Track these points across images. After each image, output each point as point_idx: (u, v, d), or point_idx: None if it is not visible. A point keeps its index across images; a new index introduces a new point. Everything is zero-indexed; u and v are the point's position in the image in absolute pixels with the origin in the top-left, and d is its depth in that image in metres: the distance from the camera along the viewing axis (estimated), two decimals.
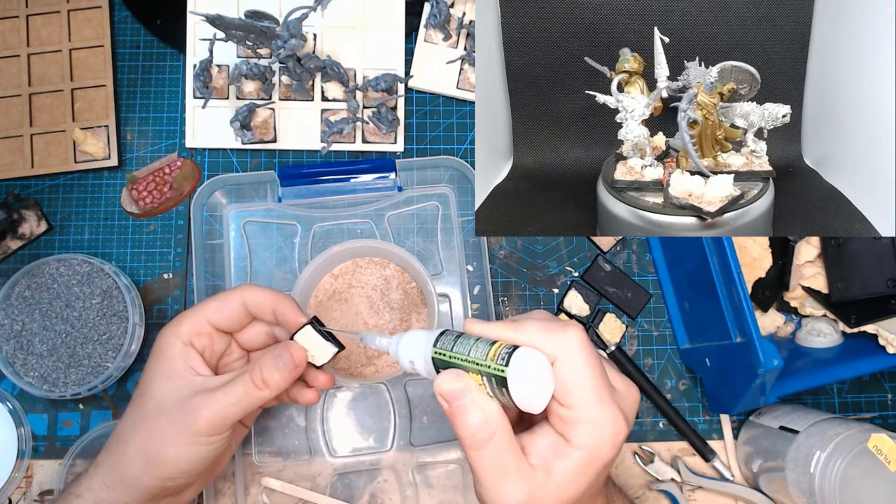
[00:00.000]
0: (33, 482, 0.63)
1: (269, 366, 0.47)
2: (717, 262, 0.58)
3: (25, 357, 0.61)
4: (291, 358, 0.48)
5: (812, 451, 0.54)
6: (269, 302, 0.51)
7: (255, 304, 0.51)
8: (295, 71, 0.65)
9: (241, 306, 0.51)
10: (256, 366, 0.47)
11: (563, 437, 0.39)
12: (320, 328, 0.50)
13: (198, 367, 0.49)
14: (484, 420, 0.39)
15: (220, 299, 0.51)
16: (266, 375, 0.47)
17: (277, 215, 0.66)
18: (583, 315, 0.67)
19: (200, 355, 0.50)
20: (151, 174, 0.67)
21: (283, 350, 0.48)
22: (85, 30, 0.70)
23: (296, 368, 0.48)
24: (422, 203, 0.67)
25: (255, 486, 0.62)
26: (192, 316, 0.50)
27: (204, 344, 0.50)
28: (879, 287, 0.60)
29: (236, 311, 0.51)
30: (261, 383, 0.47)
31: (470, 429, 0.39)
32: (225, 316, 0.51)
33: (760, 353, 0.53)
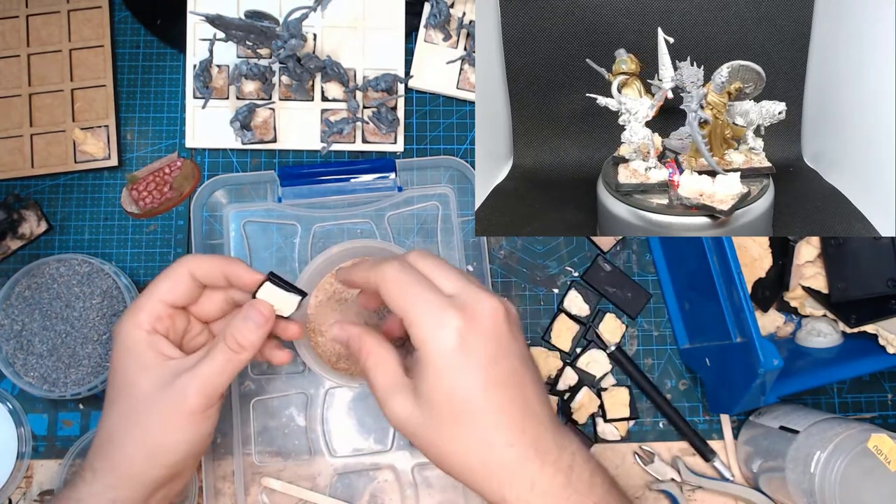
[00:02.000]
0: (33, 482, 0.63)
1: (239, 328, 0.48)
2: (717, 262, 0.58)
3: (25, 357, 0.61)
4: (260, 314, 0.49)
5: (812, 451, 0.54)
6: (218, 267, 0.51)
7: (204, 273, 0.51)
8: (295, 71, 0.65)
9: (190, 278, 0.51)
10: (228, 331, 0.48)
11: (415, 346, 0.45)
12: (279, 281, 0.50)
13: (167, 351, 0.49)
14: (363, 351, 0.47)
15: (168, 277, 0.51)
16: (239, 337, 0.48)
17: (277, 215, 0.66)
18: (583, 315, 0.67)
19: (166, 338, 0.50)
20: (151, 174, 0.67)
21: (250, 308, 0.49)
22: (85, 30, 0.70)
23: (266, 323, 0.49)
24: (422, 203, 0.67)
25: (255, 486, 0.62)
26: (146, 302, 0.50)
27: (167, 326, 0.50)
28: (879, 287, 0.60)
29: (187, 285, 0.51)
30: (236, 346, 0.48)
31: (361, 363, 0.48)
32: (179, 293, 0.50)
33: (760, 353, 0.53)
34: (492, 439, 0.43)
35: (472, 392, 0.43)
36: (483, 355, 0.43)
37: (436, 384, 0.43)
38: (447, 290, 0.46)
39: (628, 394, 0.64)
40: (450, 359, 0.43)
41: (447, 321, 0.43)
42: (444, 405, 0.43)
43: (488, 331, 0.44)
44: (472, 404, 0.43)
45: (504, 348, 0.44)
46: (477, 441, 0.43)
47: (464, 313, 0.44)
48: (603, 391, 0.65)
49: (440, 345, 0.43)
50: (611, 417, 0.64)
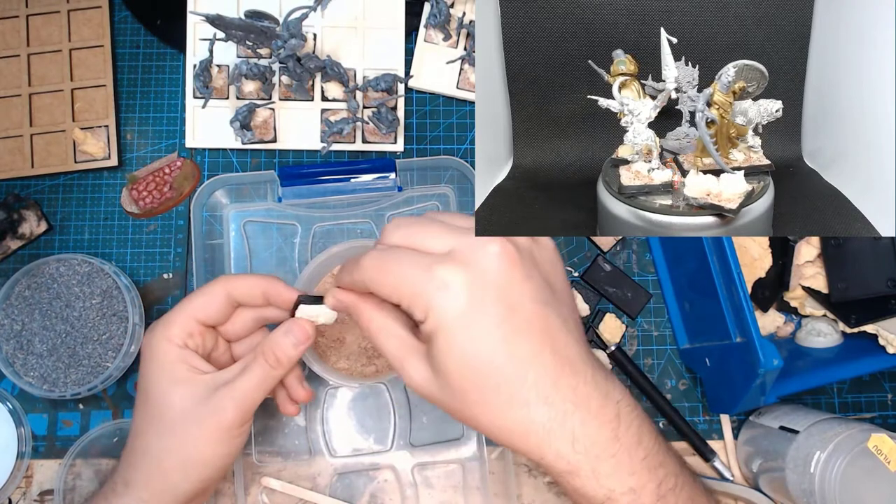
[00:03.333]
0: (33, 482, 0.63)
1: (280, 343, 0.48)
2: (717, 262, 0.58)
3: (25, 357, 0.61)
4: (302, 330, 0.49)
5: (812, 451, 0.54)
6: (258, 286, 0.51)
7: (243, 292, 0.51)
8: (295, 71, 0.65)
9: (226, 297, 0.51)
10: (267, 346, 0.48)
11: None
12: (310, 299, 0.50)
13: (200, 365, 0.49)
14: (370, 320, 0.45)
15: (205, 294, 0.50)
16: (279, 352, 0.48)
17: (277, 215, 0.66)
18: (583, 315, 0.67)
19: (196, 354, 0.50)
20: (151, 174, 0.67)
21: (292, 324, 0.49)
22: (85, 30, 0.70)
23: (307, 340, 0.49)
24: (422, 203, 0.67)
25: (255, 486, 0.62)
26: (180, 316, 0.50)
27: (197, 343, 0.50)
28: (879, 287, 0.60)
29: (222, 304, 0.51)
30: (274, 362, 0.48)
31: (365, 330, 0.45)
32: (213, 311, 0.50)
33: (760, 353, 0.53)
34: (522, 397, 0.39)
35: (491, 352, 0.39)
36: (496, 309, 0.39)
37: (449, 352, 0.39)
38: (439, 248, 0.41)
39: None
40: (460, 321, 0.39)
41: (447, 280, 0.39)
42: (464, 371, 0.39)
43: (498, 279, 0.39)
44: (493, 365, 0.39)
45: (519, 293, 0.39)
46: (505, 402, 0.39)
47: (465, 266, 0.39)
48: None
49: (446, 308, 0.39)
50: None
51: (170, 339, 0.49)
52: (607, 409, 0.40)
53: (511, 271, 0.39)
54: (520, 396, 0.39)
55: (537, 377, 0.39)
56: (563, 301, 0.42)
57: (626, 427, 0.39)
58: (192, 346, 0.50)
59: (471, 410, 0.40)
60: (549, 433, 0.39)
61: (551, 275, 0.42)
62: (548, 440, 0.39)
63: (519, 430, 0.39)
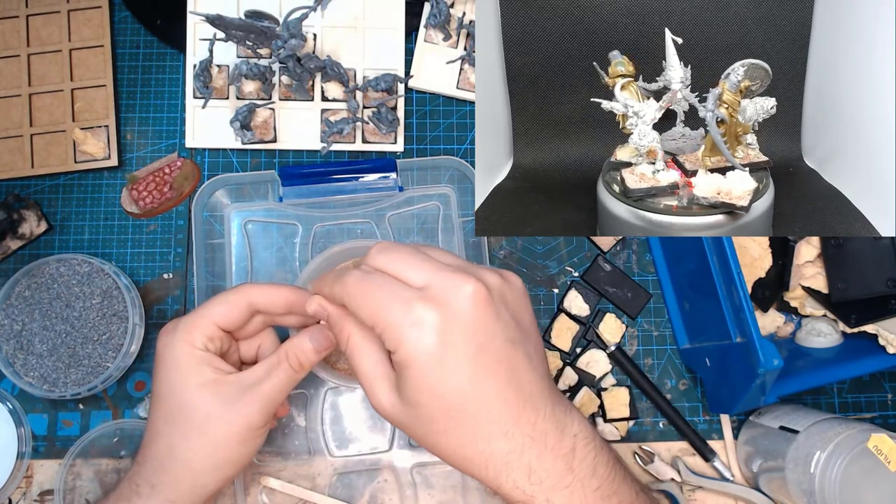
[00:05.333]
0: (33, 482, 0.63)
1: (305, 349, 0.49)
2: (717, 262, 0.58)
3: (25, 357, 0.61)
4: (327, 338, 0.50)
5: (812, 451, 0.54)
6: (283, 297, 0.51)
7: (267, 302, 0.51)
8: (295, 71, 0.65)
9: (247, 306, 0.51)
10: (291, 351, 0.49)
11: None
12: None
13: (223, 367, 0.50)
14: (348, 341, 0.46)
15: (226, 302, 0.51)
16: (302, 357, 0.49)
17: (278, 215, 0.66)
18: (583, 315, 0.67)
19: (217, 356, 0.50)
20: (151, 174, 0.67)
21: (316, 331, 0.50)
22: (85, 30, 0.70)
23: (330, 346, 0.50)
24: (422, 203, 0.67)
25: (254, 486, 0.62)
26: (201, 321, 0.50)
27: (217, 346, 0.50)
28: (879, 287, 0.60)
29: (242, 312, 0.51)
30: (297, 366, 0.49)
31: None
32: (233, 318, 0.51)
33: (760, 353, 0.53)
34: (485, 430, 0.41)
35: (459, 388, 0.41)
36: (466, 347, 0.41)
37: (420, 386, 0.41)
38: (416, 281, 0.42)
39: (628, 394, 0.64)
40: (431, 357, 0.41)
41: (420, 318, 0.40)
42: (433, 403, 0.41)
43: (468, 319, 0.41)
44: (460, 399, 0.41)
45: (490, 332, 0.41)
46: (469, 434, 0.41)
47: (437, 305, 0.41)
48: (603, 391, 0.65)
49: (417, 345, 0.41)
50: (611, 417, 0.64)
51: (192, 342, 0.49)
52: (563, 442, 0.42)
53: (483, 311, 0.41)
54: (483, 430, 0.41)
55: (500, 413, 0.41)
56: (529, 338, 0.44)
57: (580, 460, 0.42)
58: (212, 349, 0.50)
59: (434, 438, 0.43)
60: (506, 465, 0.41)
61: (519, 312, 0.44)
62: (505, 471, 0.42)
63: (479, 461, 0.42)
